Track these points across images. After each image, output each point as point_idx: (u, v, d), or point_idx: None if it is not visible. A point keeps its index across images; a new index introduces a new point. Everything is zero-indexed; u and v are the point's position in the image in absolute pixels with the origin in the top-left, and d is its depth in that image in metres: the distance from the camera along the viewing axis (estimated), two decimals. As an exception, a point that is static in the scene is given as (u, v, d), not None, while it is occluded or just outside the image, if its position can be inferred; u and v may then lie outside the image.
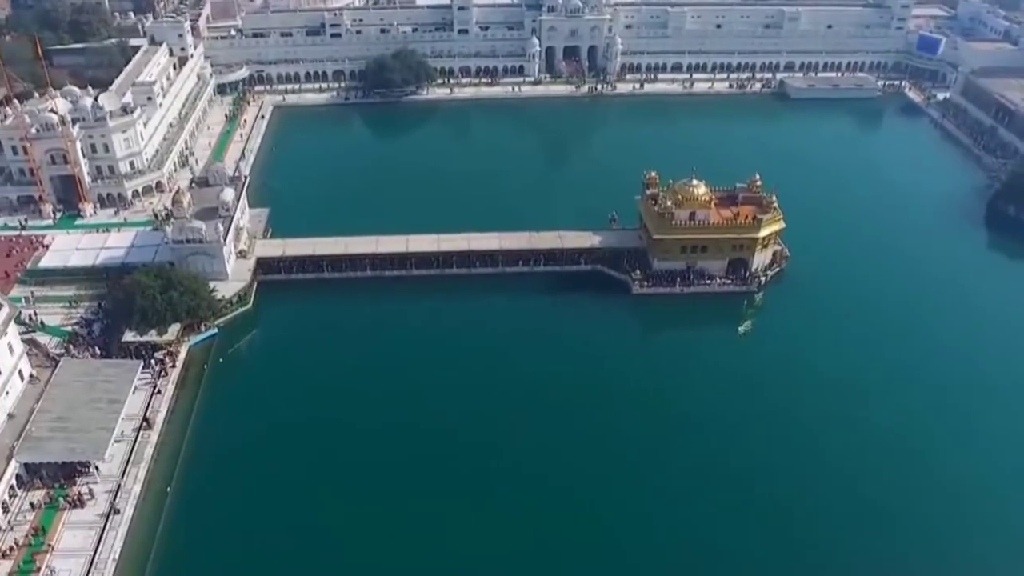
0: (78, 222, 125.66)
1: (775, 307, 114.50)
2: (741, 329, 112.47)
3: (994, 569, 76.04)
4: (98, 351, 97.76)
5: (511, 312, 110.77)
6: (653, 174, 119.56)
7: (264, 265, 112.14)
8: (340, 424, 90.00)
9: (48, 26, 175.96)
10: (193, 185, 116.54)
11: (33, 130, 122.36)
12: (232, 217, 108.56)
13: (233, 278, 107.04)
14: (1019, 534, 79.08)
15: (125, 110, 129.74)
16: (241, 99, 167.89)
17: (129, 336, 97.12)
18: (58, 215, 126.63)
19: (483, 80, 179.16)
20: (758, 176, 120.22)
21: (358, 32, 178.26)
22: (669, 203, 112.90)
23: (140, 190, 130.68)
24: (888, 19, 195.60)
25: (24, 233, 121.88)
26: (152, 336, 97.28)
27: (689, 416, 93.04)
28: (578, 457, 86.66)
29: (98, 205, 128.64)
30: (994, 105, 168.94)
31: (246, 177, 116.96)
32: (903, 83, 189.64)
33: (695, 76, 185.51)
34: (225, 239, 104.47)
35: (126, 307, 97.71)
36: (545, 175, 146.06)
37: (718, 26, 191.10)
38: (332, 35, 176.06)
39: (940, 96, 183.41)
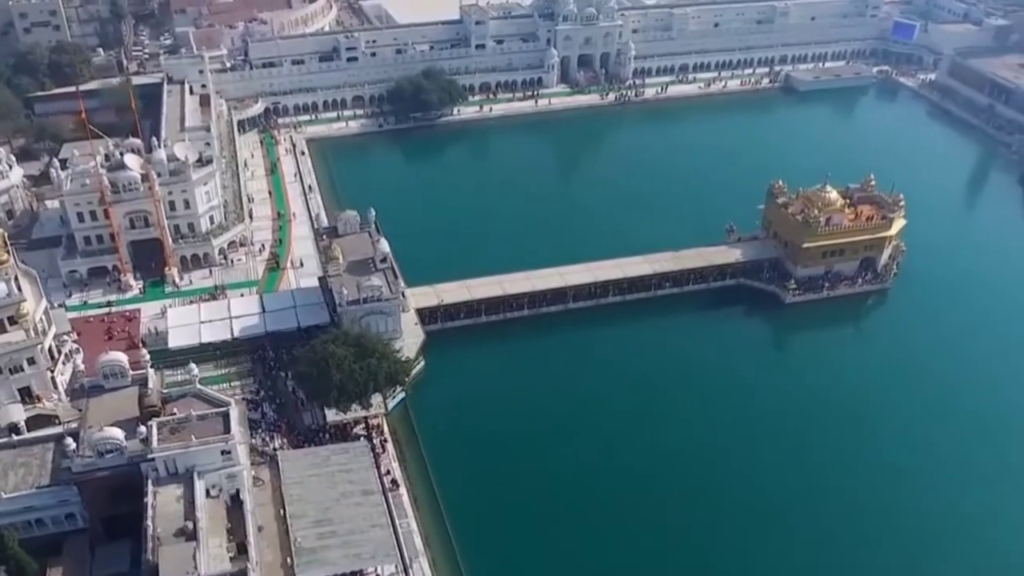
0: (168, 290, 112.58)
1: (908, 300, 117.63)
2: (891, 326, 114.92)
3: None
4: (276, 435, 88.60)
5: (671, 333, 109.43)
6: (780, 182, 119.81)
7: (422, 315, 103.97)
8: (566, 468, 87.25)
9: (24, 71, 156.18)
10: (323, 236, 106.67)
11: (110, 192, 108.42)
12: (394, 268, 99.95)
13: (406, 334, 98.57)
14: None
15: (201, 159, 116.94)
16: (270, 134, 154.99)
17: (332, 415, 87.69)
18: (141, 283, 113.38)
19: (515, 95, 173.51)
20: (872, 175, 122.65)
21: (372, 54, 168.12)
22: (816, 212, 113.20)
23: (226, 247, 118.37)
24: (863, 7, 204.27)
25: (114, 309, 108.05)
26: (357, 411, 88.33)
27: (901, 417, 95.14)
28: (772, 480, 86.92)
29: (180, 269, 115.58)
30: (988, 84, 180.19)
31: (376, 222, 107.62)
32: (892, 69, 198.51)
33: (711, 75, 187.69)
34: (403, 294, 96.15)
35: (318, 383, 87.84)
36: (625, 190, 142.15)
37: (716, 25, 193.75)
38: (348, 59, 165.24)
39: (925, 78, 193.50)
